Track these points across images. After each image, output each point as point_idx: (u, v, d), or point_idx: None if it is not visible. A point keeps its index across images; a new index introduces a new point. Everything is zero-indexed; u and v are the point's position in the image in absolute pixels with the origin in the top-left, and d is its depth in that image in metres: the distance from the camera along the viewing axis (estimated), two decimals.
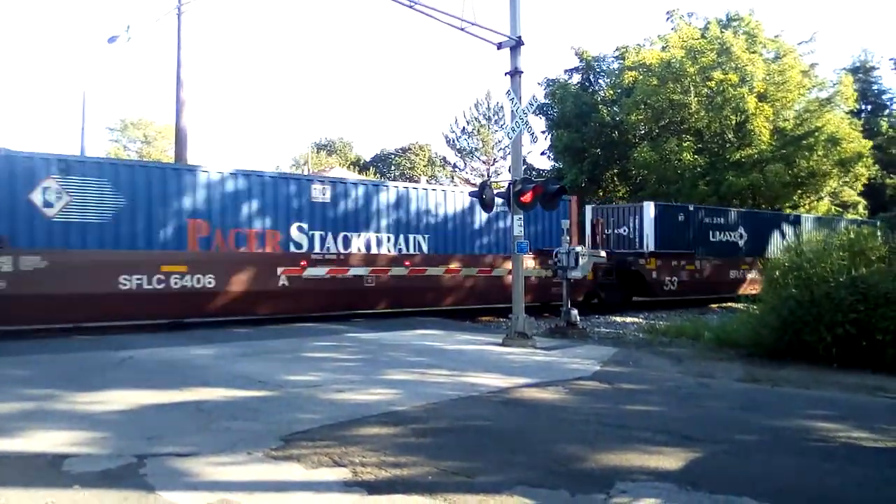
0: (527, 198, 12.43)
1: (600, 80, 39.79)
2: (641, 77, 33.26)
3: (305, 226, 16.14)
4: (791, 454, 5.48)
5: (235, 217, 15.32)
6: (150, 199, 14.29)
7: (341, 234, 16.65)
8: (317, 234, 16.30)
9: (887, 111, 43.52)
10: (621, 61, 37.43)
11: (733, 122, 31.79)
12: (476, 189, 13.92)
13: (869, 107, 43.08)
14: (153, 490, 4.36)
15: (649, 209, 22.72)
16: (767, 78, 32.07)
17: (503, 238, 18.84)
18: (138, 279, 13.87)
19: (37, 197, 13.02)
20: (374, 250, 17.06)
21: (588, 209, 23.07)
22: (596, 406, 7.24)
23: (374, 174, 63.08)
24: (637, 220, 22.94)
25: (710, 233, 24.40)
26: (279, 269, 15.50)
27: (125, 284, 13.73)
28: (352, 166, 68.09)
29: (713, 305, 23.84)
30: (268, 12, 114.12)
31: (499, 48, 13.10)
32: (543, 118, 38.16)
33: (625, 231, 23.23)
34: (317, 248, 16.22)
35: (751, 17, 35.32)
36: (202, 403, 6.91)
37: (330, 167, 62.79)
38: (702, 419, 6.71)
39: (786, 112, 33.58)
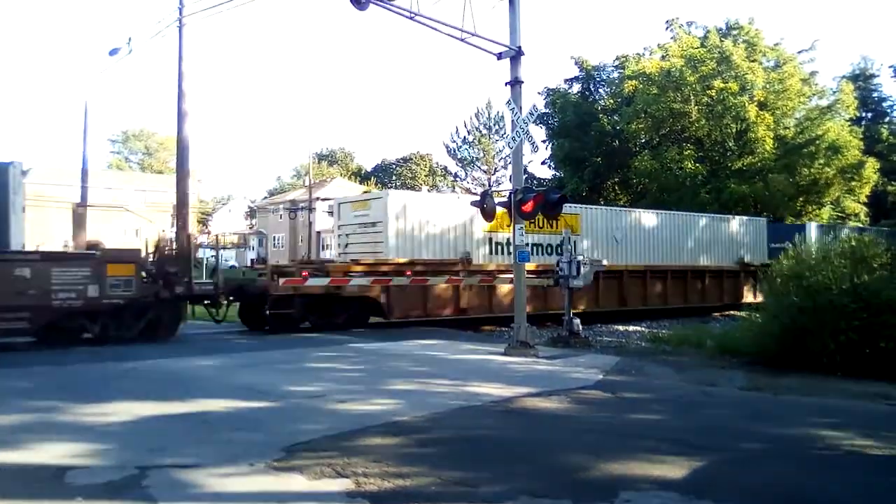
0: (528, 207, 12.43)
1: (600, 90, 39.91)
2: (641, 86, 33.37)
3: None
4: (795, 462, 5.46)
5: None
6: None
7: None
8: None
9: (888, 118, 43.53)
10: (621, 70, 37.56)
11: (734, 130, 31.85)
12: (478, 199, 13.93)
13: (869, 114, 43.08)
14: (156, 502, 4.36)
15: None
16: (768, 86, 32.16)
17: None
18: None
19: None
20: None
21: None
22: (599, 415, 7.23)
23: (376, 184, 63.15)
24: None
25: None
26: None
27: None
28: (353, 177, 68.28)
29: (716, 314, 23.79)
30: (269, 24, 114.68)
31: (499, 58, 13.13)
32: (544, 127, 38.27)
33: None
34: None
35: (750, 25, 35.46)
36: (204, 415, 6.90)
37: (331, 178, 62.93)
38: (705, 428, 6.69)
39: (786, 120, 33.65)
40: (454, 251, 18.12)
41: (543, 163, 41.62)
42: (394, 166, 70.89)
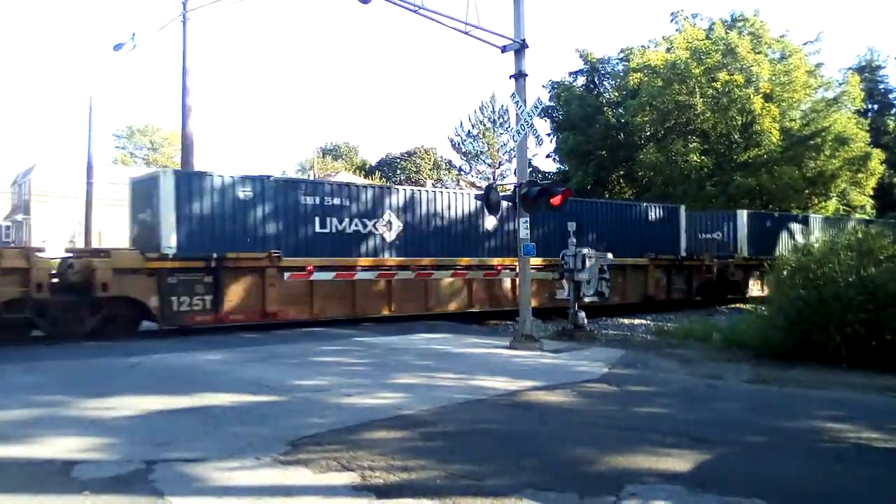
0: (532, 200, 12.40)
1: (605, 82, 39.75)
2: (646, 79, 33.24)
3: None
4: (801, 455, 5.45)
5: None
6: None
7: None
8: None
9: (894, 110, 43.26)
10: (626, 63, 37.39)
11: (739, 122, 31.71)
12: (482, 192, 13.92)
13: (875, 106, 42.83)
14: (162, 495, 4.37)
15: None
16: (773, 78, 31.99)
17: None
18: None
19: None
20: None
21: None
22: (604, 408, 7.22)
23: (380, 178, 63.11)
24: None
25: None
26: None
27: None
28: (357, 171, 68.20)
29: (721, 307, 23.74)
30: (273, 18, 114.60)
31: (503, 51, 13.09)
32: (548, 121, 38.16)
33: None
34: None
35: (756, 17, 35.25)
36: (210, 409, 6.92)
37: (336, 172, 62.90)
38: (711, 421, 6.68)
39: (792, 112, 33.48)
40: None
41: (548, 156, 41.58)
42: (398, 160, 70.80)
